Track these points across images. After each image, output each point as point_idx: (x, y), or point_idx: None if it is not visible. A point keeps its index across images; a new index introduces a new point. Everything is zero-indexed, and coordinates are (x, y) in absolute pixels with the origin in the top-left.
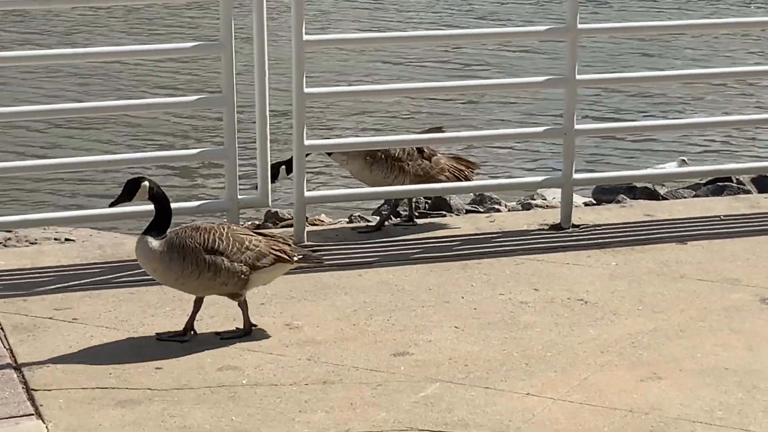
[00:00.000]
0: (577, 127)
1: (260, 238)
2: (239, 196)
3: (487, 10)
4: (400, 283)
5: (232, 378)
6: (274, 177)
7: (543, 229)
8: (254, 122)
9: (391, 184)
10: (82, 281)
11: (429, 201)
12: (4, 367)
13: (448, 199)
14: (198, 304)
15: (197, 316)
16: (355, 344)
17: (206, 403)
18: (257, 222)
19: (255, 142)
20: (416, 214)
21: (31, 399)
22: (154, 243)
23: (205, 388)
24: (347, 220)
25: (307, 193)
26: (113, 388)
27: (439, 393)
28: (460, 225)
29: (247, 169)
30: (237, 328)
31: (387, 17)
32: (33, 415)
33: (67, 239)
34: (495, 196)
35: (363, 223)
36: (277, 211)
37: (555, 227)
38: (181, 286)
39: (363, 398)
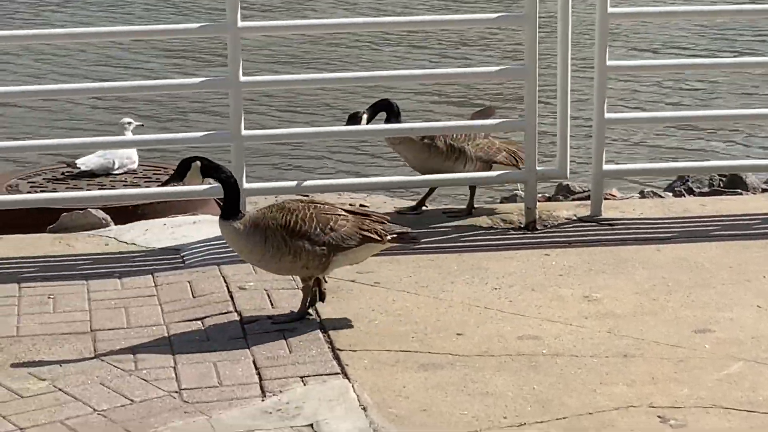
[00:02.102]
0: None
1: (349, 217)
2: (537, 168)
3: None
4: (699, 259)
5: (532, 347)
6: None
7: None
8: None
9: (450, 170)
10: None
11: (723, 178)
12: (311, 326)
13: (744, 177)
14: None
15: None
16: (655, 319)
17: (507, 370)
18: (548, 195)
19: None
20: (426, 205)
21: (337, 358)
22: (238, 224)
23: (506, 356)
24: (639, 194)
25: (605, 166)
26: (416, 352)
27: (742, 372)
28: (759, 203)
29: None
30: (291, 311)
31: None
32: (339, 374)
33: (362, 205)
34: None
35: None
36: (568, 184)
37: None
38: (264, 267)
39: (664, 373)
